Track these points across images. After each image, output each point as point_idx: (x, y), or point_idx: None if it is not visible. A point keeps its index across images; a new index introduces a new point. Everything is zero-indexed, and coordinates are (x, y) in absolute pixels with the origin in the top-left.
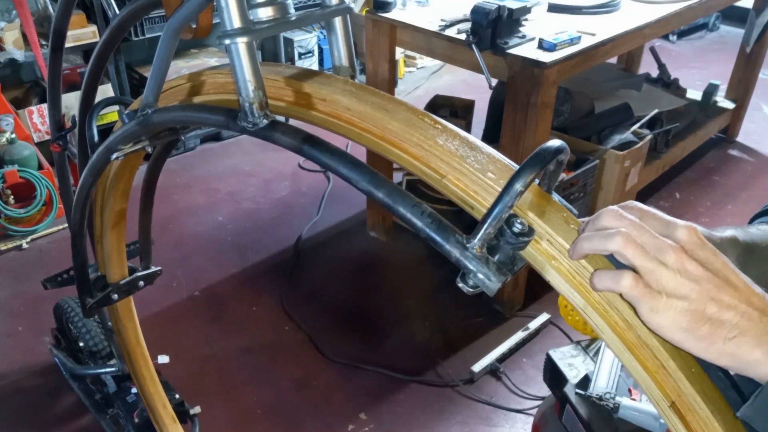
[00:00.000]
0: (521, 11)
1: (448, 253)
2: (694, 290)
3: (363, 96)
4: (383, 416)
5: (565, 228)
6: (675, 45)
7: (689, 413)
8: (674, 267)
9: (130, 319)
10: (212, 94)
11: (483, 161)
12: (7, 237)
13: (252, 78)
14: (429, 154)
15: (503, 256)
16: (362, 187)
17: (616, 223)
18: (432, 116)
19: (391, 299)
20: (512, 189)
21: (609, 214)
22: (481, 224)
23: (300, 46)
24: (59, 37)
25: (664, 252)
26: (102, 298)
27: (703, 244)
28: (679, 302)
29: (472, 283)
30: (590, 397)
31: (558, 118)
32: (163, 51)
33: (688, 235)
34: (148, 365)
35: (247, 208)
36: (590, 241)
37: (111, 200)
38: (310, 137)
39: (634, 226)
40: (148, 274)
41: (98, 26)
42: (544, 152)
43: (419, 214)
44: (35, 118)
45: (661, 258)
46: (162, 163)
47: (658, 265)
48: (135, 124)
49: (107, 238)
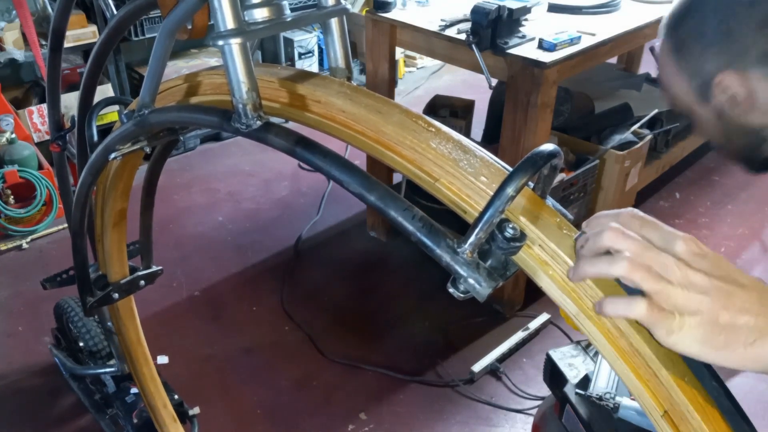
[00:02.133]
0: (521, 11)
1: (438, 258)
2: (704, 302)
3: (357, 98)
4: (383, 416)
5: (558, 233)
6: None
7: (682, 423)
8: (680, 283)
9: (131, 318)
10: (209, 94)
11: (476, 165)
12: (7, 237)
13: (245, 79)
14: (422, 158)
15: (495, 261)
16: (354, 189)
17: (620, 244)
18: (426, 119)
19: (391, 299)
20: (503, 193)
21: (611, 233)
22: (472, 229)
23: (300, 46)
24: (58, 37)
25: (668, 269)
26: (103, 297)
27: (703, 253)
28: (691, 318)
29: (462, 288)
30: (590, 397)
31: (558, 118)
32: (159, 51)
33: (688, 246)
34: (149, 364)
35: (247, 208)
36: (594, 266)
37: (111, 200)
38: (303, 139)
39: (637, 245)
40: (149, 273)
41: (98, 26)
42: (536, 157)
43: (410, 218)
44: (35, 118)
45: (666, 276)
46: (162, 162)
47: (665, 285)
48: (132, 124)
49: (108, 237)
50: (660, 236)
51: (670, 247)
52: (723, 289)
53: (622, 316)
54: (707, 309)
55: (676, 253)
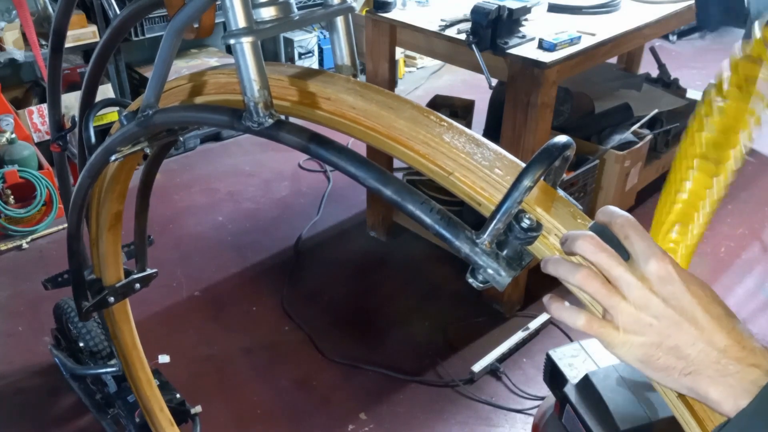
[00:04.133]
0: (521, 11)
1: (457, 249)
2: (652, 326)
3: (368, 94)
4: (383, 416)
5: (573, 223)
6: (675, 45)
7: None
8: (636, 303)
9: (126, 321)
10: (213, 94)
11: (490, 158)
12: (7, 237)
13: (257, 77)
14: (435, 152)
15: (511, 251)
16: (370, 185)
17: (588, 255)
18: (437, 114)
19: (391, 299)
20: (521, 184)
21: (582, 243)
22: (490, 219)
23: (300, 46)
24: (59, 37)
25: (630, 287)
26: (98, 301)
27: (671, 278)
28: (635, 337)
29: (481, 278)
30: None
31: (558, 118)
32: (165, 51)
33: (659, 268)
34: (144, 368)
35: (247, 208)
36: (557, 269)
37: (108, 202)
38: (317, 136)
39: (604, 259)
40: (144, 276)
41: (98, 26)
42: (552, 148)
43: (428, 211)
44: (35, 118)
45: (625, 291)
46: (158, 165)
47: (618, 302)
48: (135, 124)
49: (103, 240)
50: (639, 251)
51: (643, 264)
52: (674, 320)
53: (565, 322)
54: (652, 333)
55: (645, 272)
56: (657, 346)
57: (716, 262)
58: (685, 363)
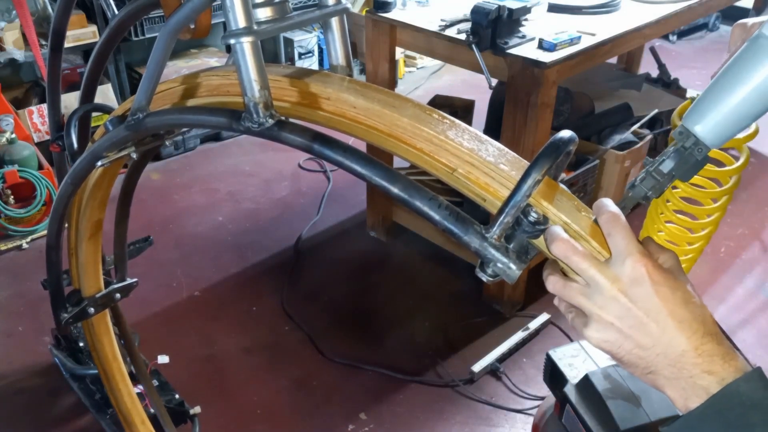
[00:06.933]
0: (521, 11)
1: (467, 244)
2: (613, 326)
3: (369, 93)
4: (383, 416)
5: (577, 215)
6: (675, 45)
7: None
8: (599, 302)
9: (106, 333)
10: (206, 96)
11: (495, 153)
12: (7, 237)
13: (258, 77)
14: (438, 149)
15: (517, 245)
16: (377, 183)
17: (563, 259)
18: (439, 112)
19: (391, 299)
20: (530, 178)
21: (558, 246)
22: (499, 213)
23: (300, 46)
24: (58, 37)
25: (597, 287)
26: (78, 313)
27: (642, 280)
28: (597, 333)
29: (491, 272)
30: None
31: (558, 118)
32: (159, 53)
33: (633, 270)
34: (125, 380)
35: (247, 208)
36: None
37: (88, 210)
38: (320, 135)
39: (575, 263)
40: (124, 286)
41: (98, 26)
42: (558, 142)
43: (436, 207)
44: (35, 118)
45: (594, 287)
46: (140, 172)
47: (584, 302)
48: (125, 128)
49: (82, 249)
50: (618, 250)
51: (619, 263)
52: (637, 321)
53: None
54: (613, 332)
55: (618, 272)
56: (619, 345)
57: (716, 262)
58: (645, 363)
